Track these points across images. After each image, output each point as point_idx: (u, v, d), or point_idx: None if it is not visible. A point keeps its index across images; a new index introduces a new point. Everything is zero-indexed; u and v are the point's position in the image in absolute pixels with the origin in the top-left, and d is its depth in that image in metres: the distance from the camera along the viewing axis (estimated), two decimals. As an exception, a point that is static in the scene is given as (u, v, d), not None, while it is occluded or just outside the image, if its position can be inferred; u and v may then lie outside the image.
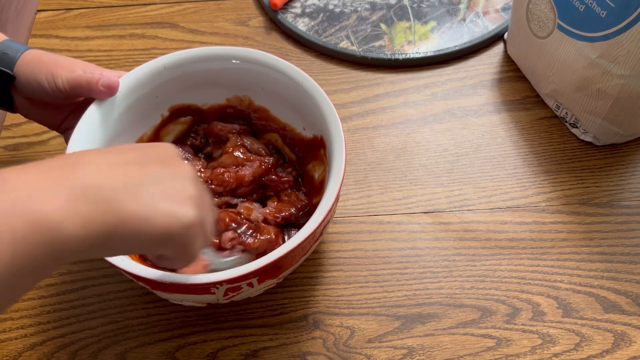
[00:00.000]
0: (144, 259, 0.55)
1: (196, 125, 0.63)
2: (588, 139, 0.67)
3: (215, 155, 0.62)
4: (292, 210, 0.58)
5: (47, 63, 0.54)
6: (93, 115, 0.54)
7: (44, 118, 0.59)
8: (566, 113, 0.68)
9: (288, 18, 0.78)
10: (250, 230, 0.56)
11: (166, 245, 0.37)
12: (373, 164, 0.67)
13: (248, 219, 0.57)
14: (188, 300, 0.51)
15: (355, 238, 0.62)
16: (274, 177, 0.60)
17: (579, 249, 0.60)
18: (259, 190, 0.60)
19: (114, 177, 0.34)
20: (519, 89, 0.72)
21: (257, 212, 0.57)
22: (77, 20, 0.80)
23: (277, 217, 0.57)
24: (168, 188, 0.36)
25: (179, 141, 0.63)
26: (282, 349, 0.55)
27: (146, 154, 0.37)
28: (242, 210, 0.57)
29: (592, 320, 0.56)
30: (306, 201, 0.59)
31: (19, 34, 0.78)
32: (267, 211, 0.57)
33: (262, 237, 0.55)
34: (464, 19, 0.78)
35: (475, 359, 0.54)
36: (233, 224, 0.56)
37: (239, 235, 0.55)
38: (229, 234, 0.55)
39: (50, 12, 0.81)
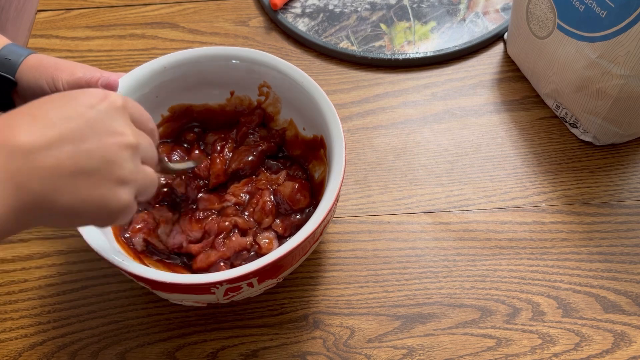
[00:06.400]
0: (150, 256, 0.55)
1: (194, 122, 0.63)
2: (588, 139, 0.67)
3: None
4: (298, 216, 0.58)
5: (47, 67, 0.54)
6: (93, 115, 0.54)
7: None
8: (566, 113, 0.68)
9: (288, 18, 0.78)
10: (253, 253, 0.56)
11: (95, 224, 0.40)
12: (373, 164, 0.67)
13: (256, 250, 0.56)
14: (188, 300, 0.51)
15: (355, 238, 0.62)
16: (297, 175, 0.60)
17: (579, 249, 0.60)
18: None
19: (44, 168, 0.35)
20: (519, 89, 0.72)
21: (276, 242, 0.56)
22: (77, 20, 0.80)
23: (286, 234, 0.57)
24: (101, 174, 0.37)
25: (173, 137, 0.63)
26: (282, 349, 0.55)
27: (84, 124, 0.37)
28: (262, 244, 0.56)
29: (592, 320, 0.56)
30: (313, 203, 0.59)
31: (19, 34, 0.78)
32: (279, 231, 0.57)
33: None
34: (464, 19, 0.78)
35: (475, 359, 0.54)
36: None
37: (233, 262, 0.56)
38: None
39: (50, 12, 0.81)
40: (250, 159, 0.60)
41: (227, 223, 0.56)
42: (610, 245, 0.61)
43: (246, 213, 0.57)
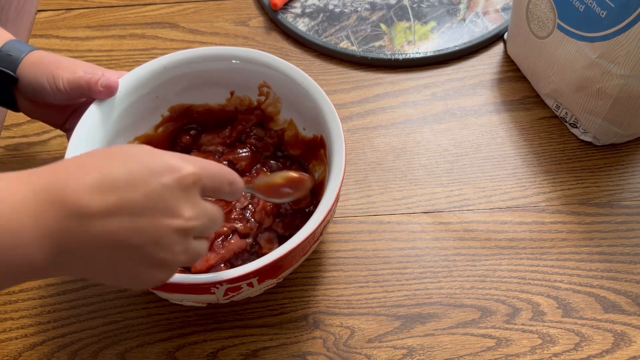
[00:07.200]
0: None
1: (194, 123, 0.63)
2: (588, 139, 0.67)
3: None
4: (299, 215, 0.58)
5: (48, 65, 0.54)
6: (93, 115, 0.54)
7: (46, 118, 0.59)
8: (566, 113, 0.68)
9: (288, 18, 0.78)
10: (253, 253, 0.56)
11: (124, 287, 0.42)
12: (373, 164, 0.67)
13: (257, 251, 0.56)
14: (188, 300, 0.51)
15: (355, 238, 0.62)
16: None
17: (579, 249, 0.60)
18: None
19: (93, 235, 0.35)
20: (519, 89, 0.72)
21: (276, 242, 0.57)
22: (77, 20, 0.80)
23: (286, 233, 0.57)
24: (145, 252, 0.36)
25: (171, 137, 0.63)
26: (282, 349, 0.55)
27: (144, 197, 0.36)
28: (263, 245, 0.56)
29: (592, 320, 0.56)
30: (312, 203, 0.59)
31: (19, 34, 0.78)
32: (279, 231, 0.57)
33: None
34: (464, 19, 0.78)
35: (475, 359, 0.54)
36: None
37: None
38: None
39: (50, 12, 0.81)
40: (243, 152, 0.60)
41: (225, 229, 0.56)
42: (610, 245, 0.61)
43: (247, 213, 0.57)
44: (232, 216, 0.57)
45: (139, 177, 0.36)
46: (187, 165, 0.37)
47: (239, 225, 0.56)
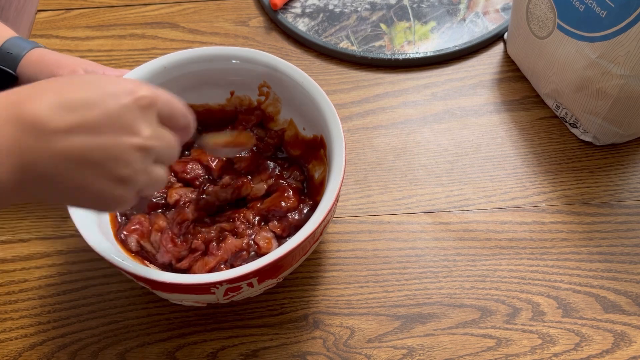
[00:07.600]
0: (144, 259, 0.55)
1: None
2: (588, 139, 0.67)
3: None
4: (296, 216, 0.58)
5: (48, 64, 0.54)
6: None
7: None
8: (566, 113, 0.68)
9: (288, 18, 0.78)
10: (253, 253, 0.56)
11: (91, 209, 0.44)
12: (373, 164, 0.67)
13: (256, 250, 0.56)
14: (188, 300, 0.51)
15: (355, 238, 0.62)
16: (283, 182, 0.60)
17: (579, 249, 0.60)
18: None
19: (55, 152, 0.35)
20: (519, 89, 0.72)
21: (275, 242, 0.56)
22: (77, 20, 0.80)
23: (284, 235, 0.57)
24: (105, 169, 0.37)
25: None
26: (282, 349, 0.55)
27: (103, 115, 0.36)
28: (261, 244, 0.56)
29: (592, 320, 0.56)
30: (310, 203, 0.59)
31: (19, 34, 0.78)
32: (277, 232, 0.57)
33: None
34: (464, 19, 0.78)
35: (475, 359, 0.54)
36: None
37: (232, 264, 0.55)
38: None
39: (50, 12, 0.81)
40: (243, 153, 0.60)
41: (212, 233, 0.55)
42: (610, 245, 0.61)
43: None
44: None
45: (97, 99, 0.36)
46: (143, 88, 0.38)
47: (224, 224, 0.56)
